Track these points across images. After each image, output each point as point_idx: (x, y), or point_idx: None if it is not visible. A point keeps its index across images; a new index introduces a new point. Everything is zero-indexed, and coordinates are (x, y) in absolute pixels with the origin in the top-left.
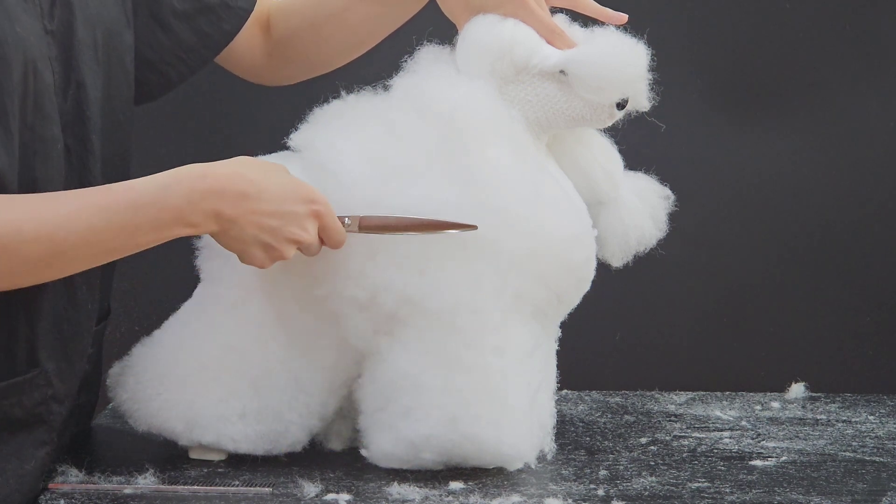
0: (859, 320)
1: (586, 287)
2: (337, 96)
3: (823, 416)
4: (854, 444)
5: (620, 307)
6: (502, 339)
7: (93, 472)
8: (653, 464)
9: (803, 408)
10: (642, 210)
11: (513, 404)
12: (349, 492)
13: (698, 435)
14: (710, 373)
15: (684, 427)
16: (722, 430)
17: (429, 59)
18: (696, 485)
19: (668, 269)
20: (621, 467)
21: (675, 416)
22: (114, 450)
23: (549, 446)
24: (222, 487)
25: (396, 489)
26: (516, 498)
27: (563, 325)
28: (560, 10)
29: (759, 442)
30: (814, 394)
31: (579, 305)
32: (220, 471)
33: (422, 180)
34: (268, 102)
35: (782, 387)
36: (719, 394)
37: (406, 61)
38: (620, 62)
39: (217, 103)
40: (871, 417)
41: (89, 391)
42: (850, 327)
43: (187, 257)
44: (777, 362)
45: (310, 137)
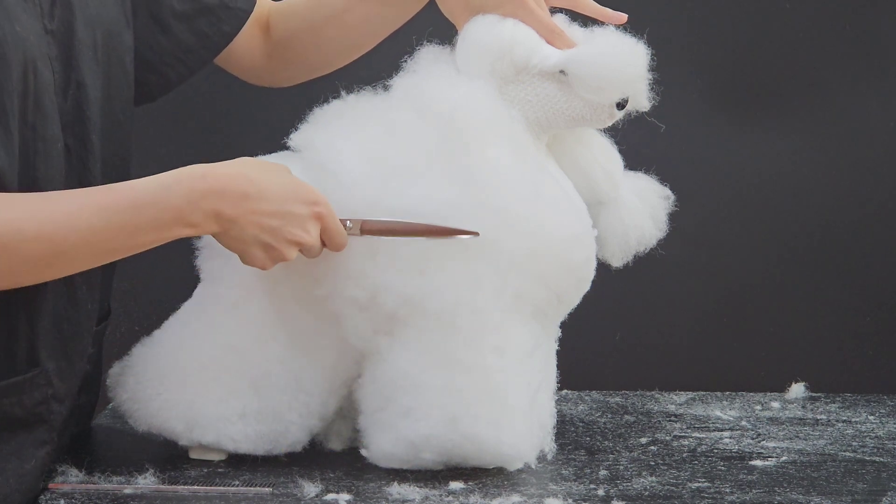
0: (859, 320)
1: (586, 287)
2: (337, 96)
3: (823, 416)
4: (854, 444)
5: (620, 307)
6: (502, 339)
7: (93, 472)
8: (653, 464)
9: (803, 408)
10: (642, 210)
11: (513, 404)
12: (349, 492)
13: (698, 435)
14: (710, 373)
15: (684, 427)
16: (722, 430)
17: (429, 59)
18: (696, 485)
19: (668, 269)
20: (621, 467)
21: (676, 416)
22: (114, 450)
23: (549, 446)
24: (222, 487)
25: (396, 489)
26: (516, 498)
27: (563, 325)
28: (560, 10)
29: (760, 442)
30: (814, 394)
31: (579, 305)
32: (220, 471)
33: (422, 180)
34: (268, 102)
35: (782, 387)
36: (719, 394)
37: (406, 61)
38: (620, 62)
39: (217, 103)
40: (871, 417)
41: (89, 391)
42: (850, 327)
43: (187, 257)
44: (777, 362)
45: (310, 137)
